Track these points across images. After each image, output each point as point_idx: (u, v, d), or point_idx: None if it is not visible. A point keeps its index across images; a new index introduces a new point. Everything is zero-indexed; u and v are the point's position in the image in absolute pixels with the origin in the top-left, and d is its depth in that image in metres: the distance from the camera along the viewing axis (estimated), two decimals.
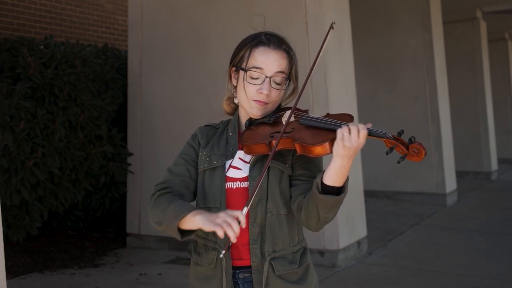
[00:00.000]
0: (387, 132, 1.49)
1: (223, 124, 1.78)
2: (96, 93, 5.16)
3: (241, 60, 1.66)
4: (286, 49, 1.66)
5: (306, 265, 1.68)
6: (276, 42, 1.66)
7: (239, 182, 1.64)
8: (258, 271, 1.62)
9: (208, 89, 5.13)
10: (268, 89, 1.62)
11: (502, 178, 10.44)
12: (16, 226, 4.56)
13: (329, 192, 1.50)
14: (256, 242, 1.62)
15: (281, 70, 1.64)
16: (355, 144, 1.44)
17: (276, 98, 1.66)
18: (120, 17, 8.22)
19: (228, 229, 1.39)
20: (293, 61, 1.69)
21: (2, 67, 4.57)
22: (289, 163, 1.64)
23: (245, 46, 1.67)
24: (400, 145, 1.48)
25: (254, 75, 1.63)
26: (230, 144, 1.69)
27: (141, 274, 4.61)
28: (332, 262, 4.60)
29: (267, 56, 1.63)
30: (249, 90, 1.64)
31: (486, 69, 10.28)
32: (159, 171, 5.35)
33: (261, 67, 1.62)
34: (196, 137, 1.75)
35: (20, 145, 4.39)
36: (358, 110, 5.30)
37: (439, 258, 4.93)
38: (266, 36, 1.66)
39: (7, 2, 6.73)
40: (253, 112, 1.66)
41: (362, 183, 5.27)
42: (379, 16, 7.95)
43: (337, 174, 1.48)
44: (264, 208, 1.62)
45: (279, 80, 1.64)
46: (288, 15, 4.72)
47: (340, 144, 1.45)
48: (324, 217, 1.54)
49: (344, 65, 4.96)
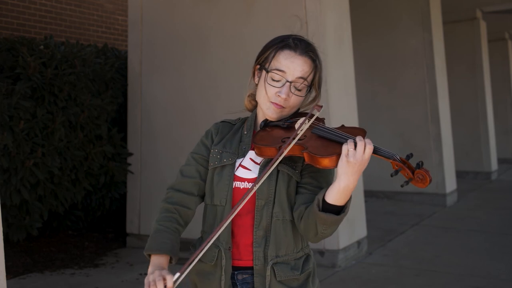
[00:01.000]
0: (395, 153, 1.47)
1: (240, 122, 1.77)
2: (96, 93, 5.16)
3: (265, 60, 1.65)
4: (312, 56, 1.63)
5: (308, 272, 1.67)
6: (303, 47, 1.63)
7: (247, 182, 1.63)
8: (260, 274, 1.61)
9: (208, 89, 5.13)
10: (287, 93, 1.60)
11: (502, 178, 10.44)
12: (16, 226, 4.56)
13: (330, 210, 1.49)
14: (260, 245, 1.61)
15: (303, 77, 1.61)
16: (359, 159, 1.43)
17: (294, 104, 1.64)
18: (120, 17, 8.22)
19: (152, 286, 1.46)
20: (318, 69, 1.65)
21: (2, 67, 4.57)
22: (298, 170, 1.63)
23: (272, 46, 1.65)
24: (406, 168, 1.46)
25: (276, 77, 1.61)
26: (243, 142, 1.69)
27: (141, 274, 4.61)
28: (332, 262, 4.60)
29: (291, 60, 1.61)
30: (268, 91, 1.63)
31: (486, 69, 10.28)
32: (159, 171, 5.36)
33: (283, 70, 1.60)
34: (209, 134, 1.74)
35: (20, 145, 4.39)
36: (358, 110, 5.30)
37: (439, 258, 4.93)
38: (294, 40, 1.64)
39: (7, 2, 6.73)
40: (269, 113, 1.65)
41: (362, 183, 5.27)
42: (379, 16, 7.96)
43: (340, 193, 1.47)
44: (270, 212, 1.61)
45: (300, 86, 1.61)
46: (288, 15, 4.72)
47: (344, 160, 1.44)
48: (322, 233, 1.53)
49: (344, 65, 4.96)
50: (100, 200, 5.48)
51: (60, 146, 4.70)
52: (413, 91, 7.64)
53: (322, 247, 4.61)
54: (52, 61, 4.75)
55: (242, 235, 1.63)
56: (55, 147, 4.67)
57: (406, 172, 1.46)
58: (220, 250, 1.63)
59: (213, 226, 1.66)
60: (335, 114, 4.60)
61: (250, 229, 1.62)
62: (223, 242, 1.62)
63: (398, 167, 1.47)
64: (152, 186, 5.30)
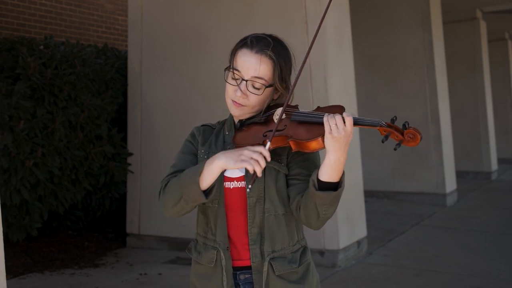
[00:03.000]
0: (380, 120, 1.49)
1: (219, 124, 1.77)
2: (96, 93, 5.16)
3: (230, 59, 1.66)
4: (270, 55, 1.60)
5: (307, 264, 1.67)
6: (261, 46, 1.60)
7: (236, 182, 1.63)
8: (258, 271, 1.61)
9: (208, 89, 5.13)
10: (244, 91, 1.60)
11: (502, 178, 10.44)
12: (16, 226, 4.56)
13: (326, 188, 1.49)
14: (255, 242, 1.61)
15: (259, 76, 1.59)
16: (343, 132, 1.44)
17: (255, 103, 1.62)
18: (120, 17, 8.22)
19: (256, 165, 1.43)
20: (280, 68, 1.61)
21: (2, 67, 4.57)
22: (284, 162, 1.63)
23: (235, 45, 1.67)
24: (394, 131, 1.48)
25: (234, 76, 1.63)
26: (227, 143, 1.69)
27: (141, 274, 4.61)
28: (332, 262, 4.60)
29: (246, 59, 1.60)
30: (228, 89, 1.65)
31: (486, 69, 10.28)
32: (159, 171, 5.35)
33: (239, 69, 1.61)
34: (194, 135, 1.75)
35: (20, 145, 4.38)
36: (358, 110, 5.30)
37: (439, 258, 4.93)
38: (252, 39, 1.63)
39: (7, 2, 6.73)
40: (231, 111, 1.67)
41: (362, 183, 5.27)
42: (379, 16, 7.96)
43: (332, 169, 1.48)
44: (262, 209, 1.61)
45: (257, 85, 1.60)
46: (288, 15, 4.72)
47: (329, 137, 1.46)
48: (324, 214, 1.54)
49: (344, 65, 4.96)
50: (100, 200, 5.48)
51: (60, 146, 4.70)
52: (413, 91, 7.64)
53: (322, 247, 4.61)
54: (52, 61, 4.75)
55: (239, 235, 1.63)
56: (55, 147, 4.67)
57: (395, 135, 1.48)
58: (218, 251, 1.63)
59: (207, 227, 1.66)
60: None
61: (245, 228, 1.62)
62: (220, 243, 1.62)
63: (386, 132, 1.49)
64: (152, 186, 5.30)
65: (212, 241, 1.65)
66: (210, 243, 1.65)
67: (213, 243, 1.64)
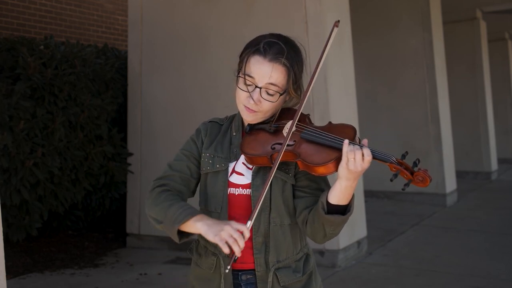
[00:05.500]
0: (391, 155, 1.47)
1: (227, 121, 1.74)
2: (96, 93, 5.16)
3: (241, 63, 1.63)
4: (284, 62, 1.56)
5: (310, 272, 1.67)
6: (274, 53, 1.56)
7: (242, 188, 1.62)
8: (263, 280, 1.61)
9: (208, 89, 5.13)
10: (258, 99, 1.57)
11: (502, 178, 10.43)
12: (16, 226, 4.56)
13: (335, 210, 1.50)
14: (260, 252, 1.60)
15: (274, 83, 1.56)
16: (359, 168, 1.44)
17: (268, 108, 1.60)
18: (120, 17, 8.22)
19: (234, 245, 1.38)
20: (294, 75, 1.59)
21: (2, 67, 4.57)
22: (292, 173, 1.61)
23: (246, 50, 1.62)
24: (404, 170, 1.46)
25: (247, 82, 1.59)
26: (233, 145, 1.66)
27: (141, 274, 4.61)
28: (332, 262, 4.60)
29: (260, 67, 1.56)
30: (240, 95, 1.61)
31: (486, 69, 10.28)
32: (159, 171, 5.31)
33: (253, 76, 1.57)
34: (199, 134, 1.71)
35: (20, 145, 4.38)
36: (358, 110, 5.29)
37: (439, 258, 4.93)
38: (264, 45, 1.58)
39: (7, 2, 6.73)
40: (244, 116, 1.64)
41: (362, 183, 5.27)
42: (379, 16, 7.95)
43: (342, 193, 1.48)
44: (267, 218, 1.60)
45: (271, 92, 1.57)
46: (288, 15, 4.72)
47: (345, 168, 1.44)
48: (330, 233, 1.54)
49: (344, 65, 4.96)
50: (100, 200, 5.48)
51: (60, 146, 4.70)
52: (413, 91, 7.64)
53: (322, 247, 4.61)
54: (52, 61, 4.75)
55: None
56: (55, 147, 4.67)
57: (405, 173, 1.46)
58: (218, 258, 1.62)
59: None
60: (335, 114, 4.60)
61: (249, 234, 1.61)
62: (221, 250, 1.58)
63: (396, 169, 1.47)
64: None
65: (212, 247, 1.63)
66: (211, 249, 1.64)
67: (214, 249, 1.63)
